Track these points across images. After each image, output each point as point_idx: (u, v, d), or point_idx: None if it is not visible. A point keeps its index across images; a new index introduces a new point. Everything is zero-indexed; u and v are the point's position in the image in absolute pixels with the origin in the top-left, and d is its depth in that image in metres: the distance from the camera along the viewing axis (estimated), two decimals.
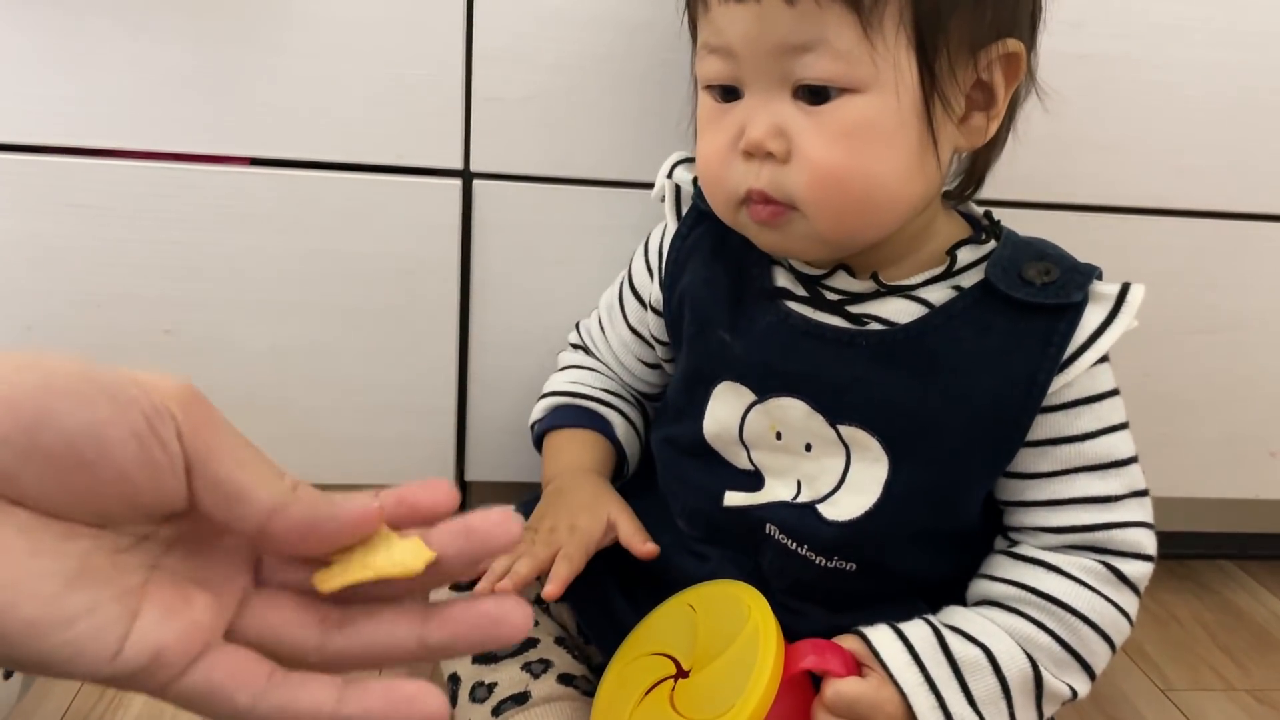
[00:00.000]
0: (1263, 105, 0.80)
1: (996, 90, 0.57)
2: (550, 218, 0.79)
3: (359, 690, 0.30)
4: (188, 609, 0.29)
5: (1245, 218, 0.83)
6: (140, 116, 0.72)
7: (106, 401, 0.27)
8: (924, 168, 0.56)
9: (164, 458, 0.28)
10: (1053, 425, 0.59)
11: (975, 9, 0.54)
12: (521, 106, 0.75)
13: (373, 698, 0.30)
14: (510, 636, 0.32)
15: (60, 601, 0.26)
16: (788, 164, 0.55)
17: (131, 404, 0.27)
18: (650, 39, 0.74)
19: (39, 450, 0.26)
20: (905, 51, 0.53)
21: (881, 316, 0.60)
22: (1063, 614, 0.57)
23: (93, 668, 0.26)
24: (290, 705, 0.29)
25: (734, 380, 0.63)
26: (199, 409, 0.29)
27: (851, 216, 0.56)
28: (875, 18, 0.52)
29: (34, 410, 0.26)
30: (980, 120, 0.57)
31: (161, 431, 0.27)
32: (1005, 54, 0.56)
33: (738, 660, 0.54)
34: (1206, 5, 0.76)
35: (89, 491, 0.27)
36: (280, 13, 0.71)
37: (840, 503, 0.60)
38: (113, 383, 0.27)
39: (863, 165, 0.54)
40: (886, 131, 0.54)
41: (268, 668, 0.30)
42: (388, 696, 0.30)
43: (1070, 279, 0.58)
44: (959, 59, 0.54)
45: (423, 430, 0.83)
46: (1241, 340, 0.87)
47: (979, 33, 0.55)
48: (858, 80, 0.53)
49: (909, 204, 0.57)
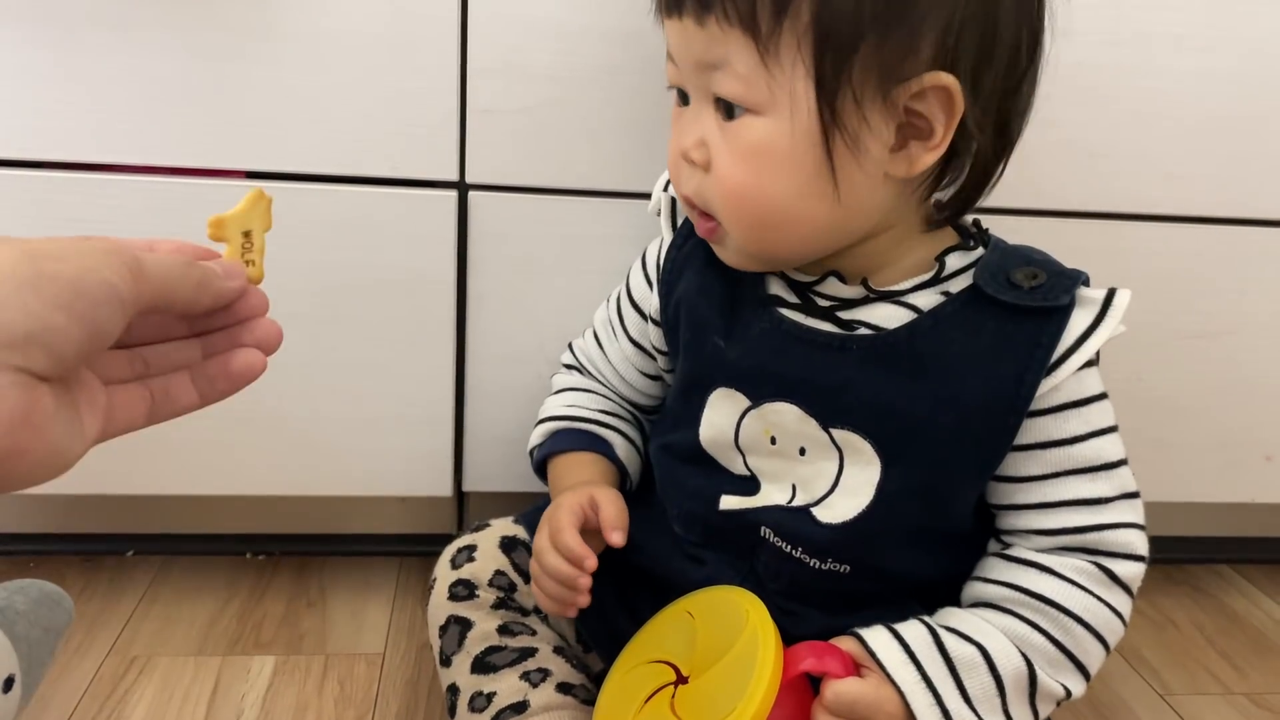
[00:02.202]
0: (1251, 112, 0.81)
1: (934, 122, 0.56)
2: (546, 229, 0.79)
3: (205, 374, 0.45)
4: (94, 396, 0.40)
5: (1235, 223, 0.84)
6: (137, 131, 0.72)
7: (117, 302, 0.37)
8: (822, 193, 0.56)
9: (126, 315, 0.38)
10: (1041, 429, 0.59)
11: (880, 46, 0.53)
12: (516, 118, 0.75)
13: (217, 378, 0.45)
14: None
15: (74, 446, 0.38)
16: (709, 174, 0.58)
17: (112, 289, 0.37)
18: (644, 51, 0.74)
19: (92, 331, 0.36)
20: (803, 81, 0.54)
21: (871, 322, 0.61)
22: (1056, 614, 0.58)
23: (62, 472, 0.38)
24: (171, 406, 0.44)
25: (729, 386, 0.64)
26: (138, 270, 0.38)
27: (759, 231, 0.59)
28: (772, 45, 0.53)
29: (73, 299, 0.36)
30: (918, 150, 0.56)
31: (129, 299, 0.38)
32: (934, 87, 0.54)
33: (737, 664, 0.54)
34: (1196, 14, 0.77)
35: (90, 351, 0.37)
36: (276, 27, 0.71)
37: (834, 505, 0.61)
38: (94, 281, 0.37)
39: (758, 184, 0.56)
40: (779, 155, 0.55)
41: (143, 392, 0.43)
42: (224, 372, 0.45)
43: (1058, 283, 0.58)
44: (866, 92, 0.54)
45: (420, 441, 0.84)
46: (1235, 345, 0.87)
47: (891, 68, 0.53)
48: (755, 103, 0.55)
49: (814, 224, 0.58)
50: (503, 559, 0.71)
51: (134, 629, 0.84)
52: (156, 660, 0.81)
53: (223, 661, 0.81)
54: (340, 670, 0.81)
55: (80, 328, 0.35)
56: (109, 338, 0.37)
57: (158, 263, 0.39)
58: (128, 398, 0.42)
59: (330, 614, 0.89)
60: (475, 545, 0.72)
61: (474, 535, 0.74)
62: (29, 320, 0.34)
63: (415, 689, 0.80)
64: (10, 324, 0.33)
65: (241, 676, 0.79)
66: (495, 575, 0.70)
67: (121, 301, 0.37)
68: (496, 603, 0.69)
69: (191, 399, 0.44)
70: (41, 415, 0.35)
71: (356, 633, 0.86)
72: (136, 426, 0.43)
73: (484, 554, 0.71)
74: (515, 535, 0.73)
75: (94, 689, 0.77)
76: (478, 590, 0.69)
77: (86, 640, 0.82)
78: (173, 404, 0.44)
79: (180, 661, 0.81)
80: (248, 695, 0.77)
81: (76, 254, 0.36)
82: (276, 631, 0.86)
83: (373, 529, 0.97)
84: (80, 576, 0.91)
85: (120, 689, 0.77)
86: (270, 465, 0.83)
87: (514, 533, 0.73)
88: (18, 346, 0.34)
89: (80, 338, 0.35)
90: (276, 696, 0.78)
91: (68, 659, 0.79)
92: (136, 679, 0.78)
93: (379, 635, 0.86)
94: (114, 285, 0.37)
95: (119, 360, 0.43)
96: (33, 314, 0.34)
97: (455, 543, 0.74)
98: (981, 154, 0.59)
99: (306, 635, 0.85)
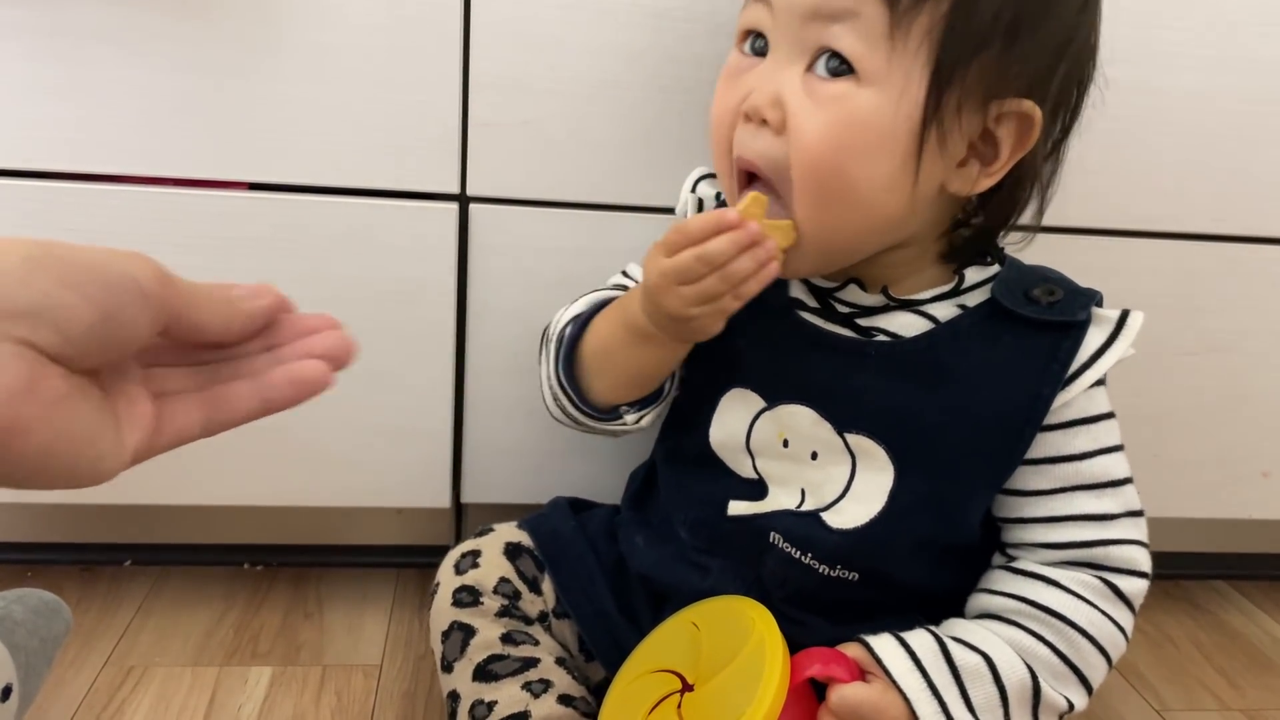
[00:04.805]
0: (1250, 129, 0.81)
1: (1002, 147, 0.57)
2: (546, 241, 0.79)
3: (269, 381, 0.41)
4: (138, 408, 0.39)
5: (1234, 240, 0.84)
6: (140, 142, 0.72)
7: (136, 293, 0.37)
8: (901, 186, 0.56)
9: (152, 315, 0.38)
10: (1051, 444, 0.60)
11: (1001, 59, 0.54)
12: (518, 131, 0.76)
13: (282, 385, 0.41)
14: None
15: (97, 445, 0.36)
16: (781, 136, 0.55)
17: (133, 282, 0.37)
18: (646, 65, 0.75)
19: (104, 315, 0.35)
20: (921, 66, 0.53)
21: (889, 330, 0.61)
22: (1061, 627, 0.58)
23: (104, 479, 0.37)
24: (230, 413, 0.41)
25: (744, 387, 0.64)
26: (164, 275, 0.38)
27: (828, 207, 0.56)
28: (906, 20, 0.52)
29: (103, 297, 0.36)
30: (974, 170, 0.57)
31: (153, 296, 0.37)
32: (1018, 112, 0.55)
33: (744, 670, 0.55)
34: (1195, 31, 0.77)
35: (109, 346, 0.36)
36: (278, 39, 0.72)
37: (845, 511, 0.61)
38: (114, 271, 0.36)
39: (847, 157, 0.54)
40: (876, 132, 0.54)
41: (199, 400, 0.41)
42: (289, 379, 0.42)
43: (1074, 300, 0.60)
44: (970, 99, 0.54)
45: (419, 452, 0.84)
46: (1232, 361, 0.88)
47: (999, 83, 0.55)
48: (869, 69, 0.53)
49: (881, 216, 0.57)
50: (507, 566, 0.71)
51: (131, 639, 0.84)
52: (153, 670, 0.80)
53: (220, 672, 0.81)
54: (337, 681, 0.81)
55: (91, 309, 0.35)
56: (131, 330, 0.37)
57: (186, 280, 0.39)
58: (181, 407, 0.41)
59: (328, 625, 0.89)
60: (479, 551, 0.72)
61: (478, 540, 0.73)
62: (33, 294, 0.34)
63: (412, 701, 0.80)
64: (13, 296, 0.33)
65: (239, 687, 0.79)
66: (500, 583, 0.70)
67: (143, 294, 0.37)
68: (501, 611, 0.69)
69: (251, 409, 0.42)
70: (49, 394, 0.34)
71: (354, 644, 0.86)
72: (191, 437, 0.41)
73: (488, 560, 0.71)
74: (519, 542, 0.73)
75: (91, 699, 0.77)
76: (482, 598, 0.69)
77: (83, 650, 0.82)
78: (230, 415, 0.42)
79: (177, 672, 0.80)
80: (244, 706, 0.77)
81: (98, 249, 0.36)
82: (273, 642, 0.85)
83: (371, 540, 0.97)
84: (78, 586, 0.91)
85: (117, 699, 0.77)
86: (268, 476, 0.83)
87: (518, 539, 0.73)
88: (21, 318, 0.33)
89: (90, 319, 0.35)
90: (273, 707, 0.77)
91: (64, 669, 0.79)
92: (133, 689, 0.78)
93: (376, 647, 0.86)
94: (133, 276, 0.36)
95: (177, 375, 0.42)
96: (38, 289, 0.34)
97: (459, 547, 0.73)
98: (1019, 193, 0.61)
99: (304, 646, 0.85)
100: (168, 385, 0.41)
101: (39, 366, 0.34)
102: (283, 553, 0.96)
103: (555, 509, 0.76)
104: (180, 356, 0.42)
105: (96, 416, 0.37)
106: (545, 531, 0.74)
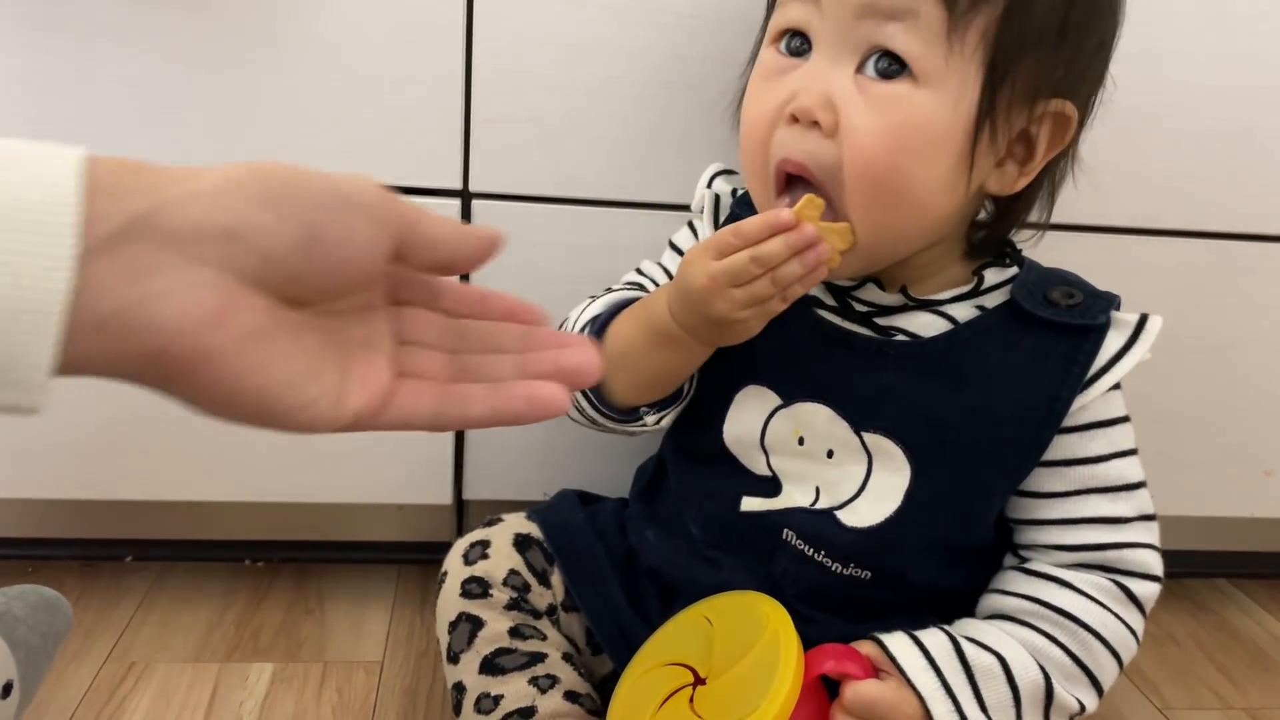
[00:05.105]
0: (1252, 128, 0.81)
1: (1038, 147, 0.57)
2: (549, 238, 0.79)
3: (506, 392, 0.38)
4: (374, 373, 0.37)
5: (1235, 237, 0.84)
6: (141, 138, 0.72)
7: (346, 207, 0.34)
8: (955, 187, 0.56)
9: (372, 231, 0.35)
10: (1067, 447, 0.60)
11: (1049, 59, 0.54)
12: (520, 127, 0.76)
13: (517, 399, 0.38)
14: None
15: (306, 389, 0.34)
16: (832, 138, 0.55)
17: (343, 197, 0.34)
18: (650, 62, 0.75)
19: (310, 234, 0.33)
20: (976, 67, 0.54)
21: (908, 330, 0.61)
22: (1074, 628, 0.58)
23: (318, 429, 0.35)
24: (461, 413, 0.38)
25: (760, 384, 0.64)
26: (385, 191, 0.36)
27: (882, 211, 0.55)
28: (964, 22, 0.52)
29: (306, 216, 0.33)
30: (1012, 170, 0.58)
31: (371, 208, 0.35)
32: (1058, 112, 0.56)
33: (759, 664, 0.55)
34: (1198, 31, 0.77)
35: (325, 270, 0.34)
36: (281, 35, 0.71)
37: (860, 510, 0.61)
38: (321, 188, 0.34)
39: (904, 160, 0.54)
40: (933, 134, 0.54)
41: (436, 390, 0.39)
42: (526, 394, 0.38)
43: (1094, 303, 0.60)
44: (1018, 97, 0.55)
45: (421, 448, 0.83)
46: (1234, 360, 0.88)
47: (1043, 82, 0.55)
48: (926, 70, 0.53)
49: (932, 217, 0.58)
50: (517, 558, 0.70)
51: (132, 635, 0.84)
52: (154, 667, 0.80)
53: (221, 668, 0.81)
54: (338, 678, 0.81)
55: (293, 228, 0.33)
56: (347, 249, 0.34)
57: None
58: (420, 390, 0.39)
59: (329, 621, 0.88)
60: (489, 541, 0.71)
61: (487, 530, 0.73)
62: (228, 215, 0.32)
63: (413, 697, 0.79)
64: (206, 217, 0.31)
65: (240, 684, 0.79)
66: (509, 575, 0.69)
67: (358, 208, 0.34)
68: (509, 603, 0.68)
69: (481, 415, 0.39)
70: (242, 325, 0.32)
71: (355, 640, 0.86)
72: (417, 425, 0.39)
73: (498, 551, 0.70)
74: (529, 534, 0.72)
75: (91, 695, 0.76)
76: (491, 589, 0.68)
77: (84, 646, 0.82)
78: (459, 416, 0.40)
79: (178, 668, 0.80)
80: (246, 702, 0.77)
81: (312, 171, 0.34)
82: (275, 639, 0.85)
83: (372, 537, 0.97)
84: (78, 582, 0.90)
85: (118, 695, 0.77)
86: (270, 471, 0.83)
87: (528, 530, 0.72)
88: (214, 241, 0.31)
89: (293, 239, 0.33)
90: (274, 704, 0.77)
91: (65, 665, 0.79)
92: (134, 685, 0.78)
93: (377, 643, 0.86)
94: (344, 192, 0.34)
95: (435, 360, 0.40)
96: (233, 209, 0.32)
97: (467, 537, 0.72)
98: (1036, 191, 0.61)
99: (305, 643, 0.85)
100: (417, 367, 0.39)
101: (234, 295, 0.32)
102: (284, 549, 0.96)
103: (564, 500, 0.76)
104: (429, 298, 0.41)
105: (308, 360, 0.35)
106: (555, 523, 0.73)
